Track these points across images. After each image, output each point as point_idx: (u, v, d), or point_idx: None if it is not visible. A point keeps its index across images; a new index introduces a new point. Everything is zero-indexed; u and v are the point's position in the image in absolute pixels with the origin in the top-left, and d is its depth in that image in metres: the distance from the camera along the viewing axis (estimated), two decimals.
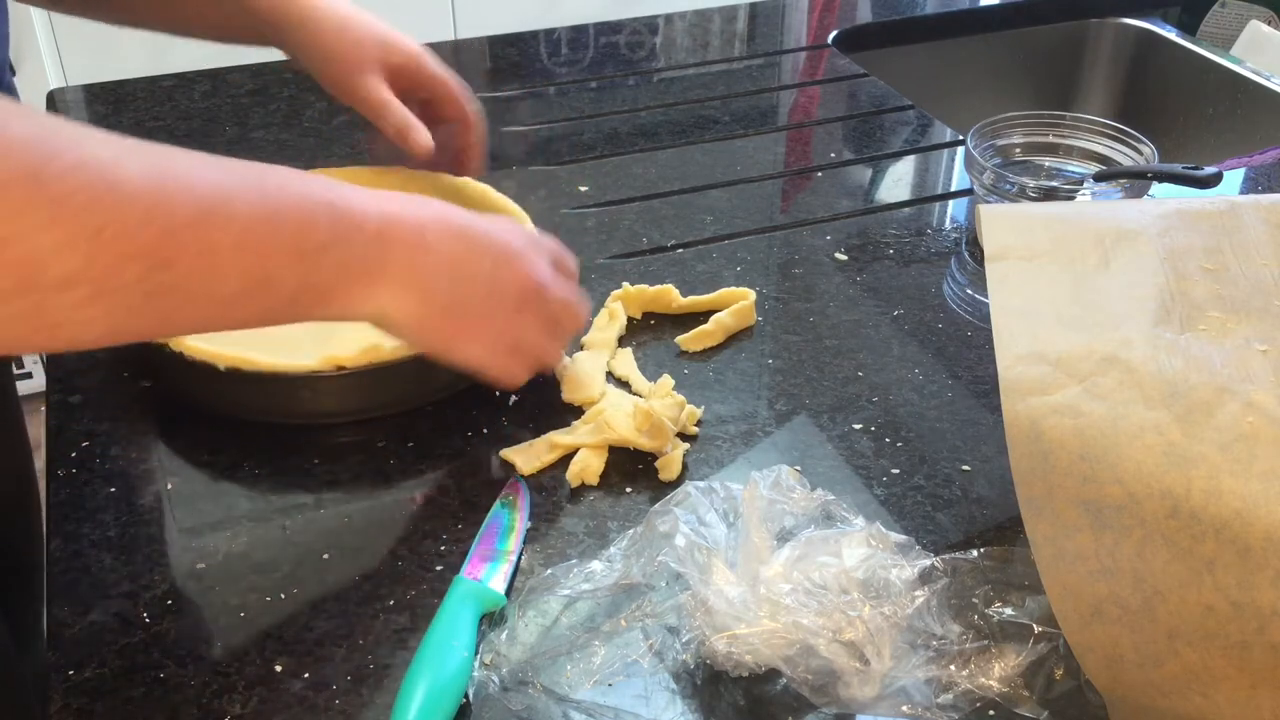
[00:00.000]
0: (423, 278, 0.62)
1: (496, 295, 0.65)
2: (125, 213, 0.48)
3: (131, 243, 0.49)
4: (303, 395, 0.73)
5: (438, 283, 0.62)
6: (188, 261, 0.51)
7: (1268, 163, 1.09)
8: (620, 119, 1.16)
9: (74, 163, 0.47)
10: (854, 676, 0.54)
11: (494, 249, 0.65)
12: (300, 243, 0.56)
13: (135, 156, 0.50)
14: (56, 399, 0.76)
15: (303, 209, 0.56)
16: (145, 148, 0.52)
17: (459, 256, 0.63)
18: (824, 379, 0.79)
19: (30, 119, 0.47)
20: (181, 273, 0.51)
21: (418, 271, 0.61)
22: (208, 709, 0.56)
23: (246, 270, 0.54)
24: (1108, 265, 0.64)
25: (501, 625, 0.59)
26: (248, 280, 0.54)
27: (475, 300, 0.64)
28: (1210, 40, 1.65)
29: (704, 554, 0.57)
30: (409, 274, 0.61)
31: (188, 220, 0.51)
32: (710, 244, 0.94)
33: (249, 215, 0.54)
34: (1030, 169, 1.03)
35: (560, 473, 0.70)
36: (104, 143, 0.50)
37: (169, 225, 0.50)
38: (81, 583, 0.63)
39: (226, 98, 1.17)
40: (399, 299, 0.61)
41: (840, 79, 1.27)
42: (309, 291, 0.57)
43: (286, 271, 0.56)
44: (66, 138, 0.48)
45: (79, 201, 0.47)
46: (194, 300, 0.53)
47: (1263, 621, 0.50)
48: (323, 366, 0.71)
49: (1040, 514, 0.54)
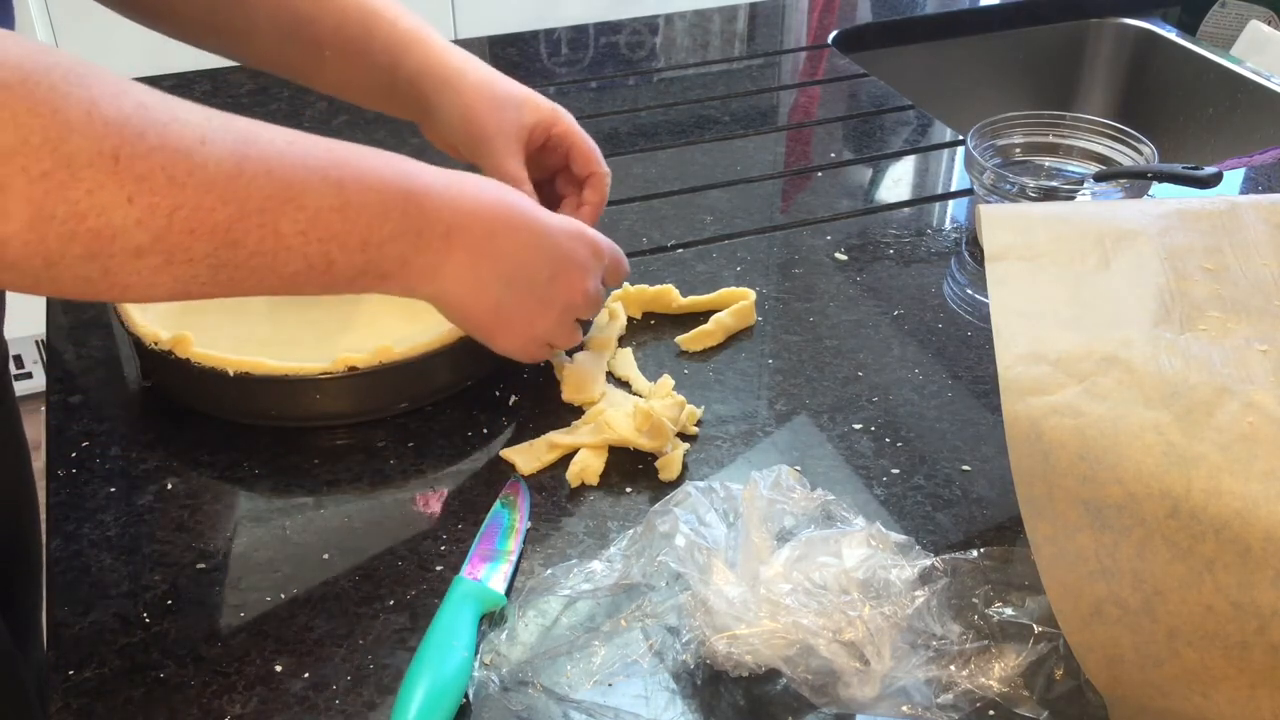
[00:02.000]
0: (481, 277, 0.64)
1: (546, 302, 0.68)
2: (201, 194, 0.51)
3: (204, 222, 0.51)
4: (312, 397, 0.72)
5: (493, 284, 0.65)
6: (255, 243, 0.54)
7: (1268, 163, 1.09)
8: (620, 119, 1.16)
9: (157, 143, 0.49)
10: (854, 676, 0.54)
11: (556, 259, 0.68)
12: (368, 235, 0.58)
13: (220, 137, 0.52)
14: (56, 399, 0.76)
15: (375, 202, 0.58)
16: (231, 126, 0.53)
17: (520, 260, 0.66)
18: (824, 379, 0.79)
19: (123, 98, 0.49)
20: (248, 252, 0.54)
21: (478, 273, 0.64)
22: (208, 709, 0.56)
23: (311, 255, 0.56)
24: (1108, 265, 0.64)
25: (501, 625, 0.59)
26: (311, 263, 0.57)
27: (526, 304, 0.67)
28: (1210, 40, 1.65)
29: (704, 554, 0.57)
30: (469, 273, 0.64)
31: (259, 206, 0.53)
32: (710, 244, 0.94)
33: (319, 205, 0.56)
34: (1030, 169, 1.03)
35: (560, 473, 0.70)
36: (191, 122, 0.51)
37: (242, 209, 0.52)
38: (81, 583, 0.63)
39: (226, 98, 1.17)
40: (454, 290, 0.64)
41: (840, 79, 1.27)
42: (369, 274, 0.60)
43: (351, 258, 0.58)
44: (154, 116, 0.50)
45: (158, 181, 0.49)
46: (257, 274, 0.55)
47: (1263, 621, 0.50)
48: (334, 368, 0.71)
49: (1040, 514, 0.54)
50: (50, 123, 0.46)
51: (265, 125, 0.55)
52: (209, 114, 0.53)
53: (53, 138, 0.46)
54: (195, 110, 0.52)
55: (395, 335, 0.74)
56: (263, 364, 0.71)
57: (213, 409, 0.74)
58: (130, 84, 0.50)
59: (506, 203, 0.66)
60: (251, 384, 0.71)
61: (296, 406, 0.73)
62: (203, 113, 0.53)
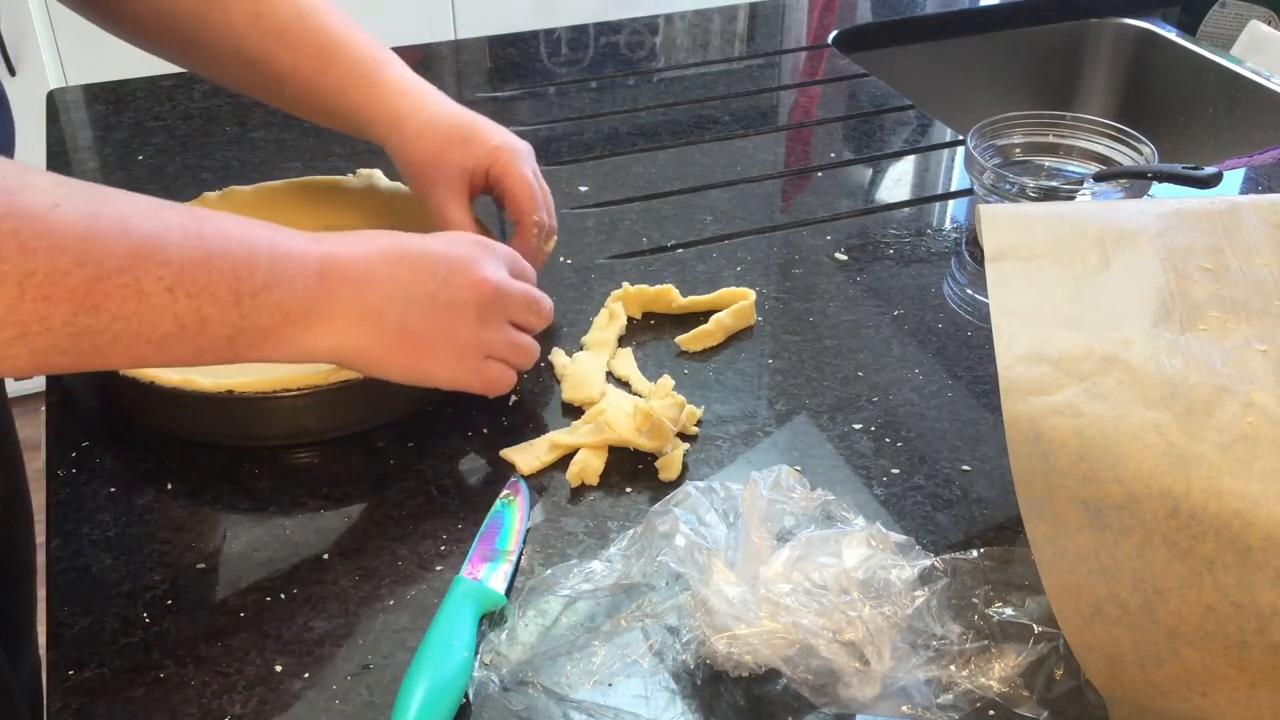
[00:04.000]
0: (372, 310, 0.62)
1: (454, 308, 0.65)
2: (55, 259, 0.49)
3: (59, 288, 0.49)
4: (305, 416, 0.71)
5: (389, 310, 0.62)
6: (117, 305, 0.51)
7: (1268, 163, 1.09)
8: (620, 119, 1.16)
9: (6, 210, 0.48)
10: (854, 677, 0.54)
11: (443, 264, 0.65)
12: (237, 286, 0.56)
13: (72, 200, 0.50)
14: (56, 399, 0.76)
15: (241, 252, 0.56)
16: (83, 191, 0.52)
17: (406, 281, 0.63)
18: (824, 379, 0.79)
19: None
20: (110, 315, 0.51)
21: (366, 304, 0.61)
22: (208, 709, 0.56)
23: (179, 313, 0.54)
24: (1108, 265, 0.64)
25: (501, 625, 0.59)
26: (180, 323, 0.54)
27: (433, 320, 0.64)
28: (1210, 40, 1.65)
29: (704, 554, 0.57)
30: (357, 309, 0.61)
31: (119, 265, 0.51)
32: (710, 244, 0.94)
33: (183, 259, 0.54)
34: (1030, 169, 1.03)
35: (560, 473, 0.70)
36: (41, 187, 0.50)
37: (99, 271, 0.50)
38: (81, 583, 0.63)
39: (227, 98, 1.17)
40: (351, 335, 0.61)
41: (840, 79, 1.27)
42: (247, 333, 0.57)
43: (222, 314, 0.56)
44: (2, 185, 0.48)
45: (9, 248, 0.47)
46: (122, 340, 0.53)
47: (1263, 621, 0.50)
48: (323, 381, 0.70)
49: (1040, 514, 0.54)
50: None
51: (121, 190, 0.54)
52: (60, 180, 0.51)
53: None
54: (46, 176, 0.51)
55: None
56: (254, 382, 0.69)
57: (194, 435, 0.72)
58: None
59: (378, 238, 0.64)
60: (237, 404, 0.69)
61: (287, 425, 0.71)
62: (54, 179, 0.51)
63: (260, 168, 1.04)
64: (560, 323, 0.83)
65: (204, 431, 0.72)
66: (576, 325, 0.83)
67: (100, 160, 1.07)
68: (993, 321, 0.61)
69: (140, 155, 1.07)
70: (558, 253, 0.91)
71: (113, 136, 1.11)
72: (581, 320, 0.83)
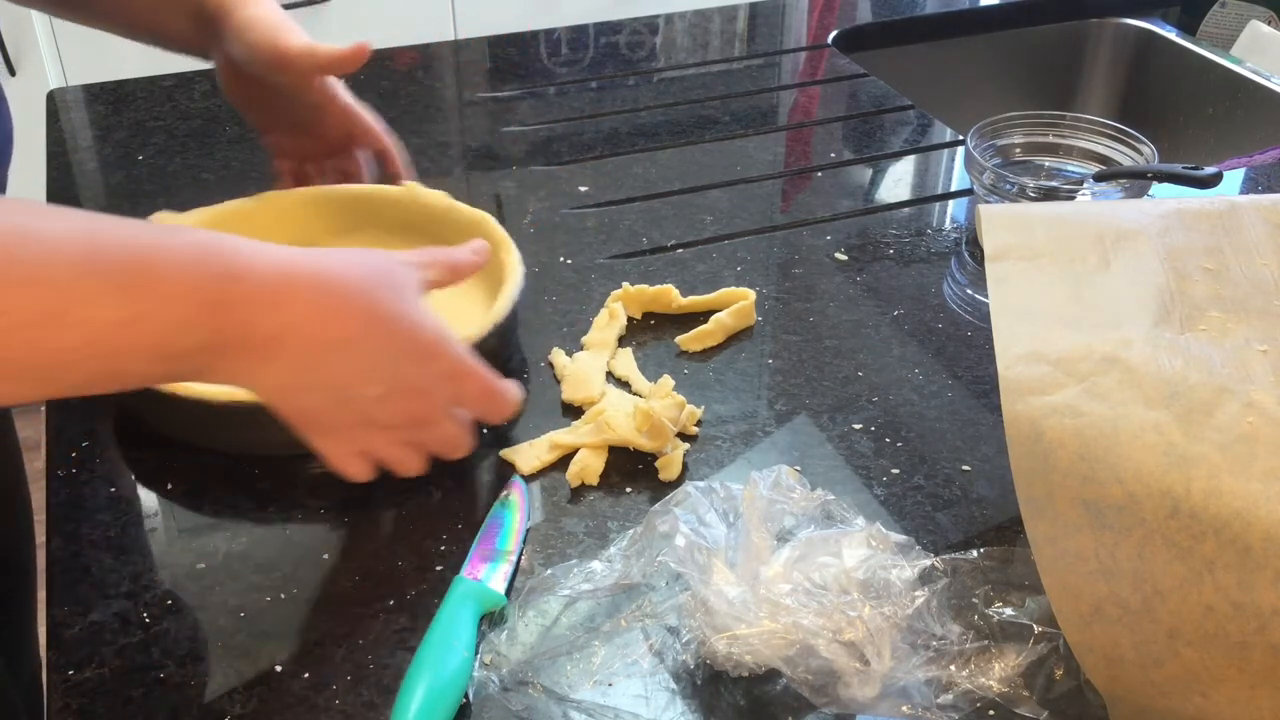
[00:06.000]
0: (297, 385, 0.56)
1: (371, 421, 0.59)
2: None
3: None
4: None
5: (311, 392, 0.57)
6: (22, 359, 0.47)
7: (1268, 163, 1.09)
8: (620, 119, 1.16)
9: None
10: (854, 677, 0.54)
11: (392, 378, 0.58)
12: (165, 347, 0.50)
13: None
14: (56, 398, 0.76)
15: (176, 313, 0.50)
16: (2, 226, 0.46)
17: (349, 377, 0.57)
18: (824, 379, 0.79)
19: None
20: (17, 366, 0.47)
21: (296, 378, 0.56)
22: (208, 709, 0.56)
23: (92, 370, 0.49)
24: (1108, 265, 0.64)
25: (501, 625, 0.59)
26: (91, 378, 0.50)
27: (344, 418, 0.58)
28: (1210, 40, 1.65)
29: (704, 554, 0.57)
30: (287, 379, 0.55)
31: (24, 321, 0.46)
32: (710, 244, 0.94)
33: (103, 320, 0.48)
34: (1030, 169, 1.03)
35: (560, 473, 0.70)
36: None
37: (6, 325, 0.45)
38: (81, 583, 0.63)
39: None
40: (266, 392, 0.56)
41: (840, 79, 1.27)
42: (169, 377, 0.54)
43: (143, 369, 0.51)
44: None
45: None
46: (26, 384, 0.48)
47: (1263, 621, 0.50)
48: None
49: (1040, 514, 0.54)
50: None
51: (56, 215, 0.48)
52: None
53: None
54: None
55: None
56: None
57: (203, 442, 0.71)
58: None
59: (360, 302, 0.56)
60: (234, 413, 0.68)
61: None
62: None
63: (260, 167, 1.04)
64: (560, 322, 0.83)
65: (206, 438, 0.72)
66: (576, 325, 0.83)
67: (100, 160, 1.07)
68: (993, 321, 0.61)
69: (140, 155, 1.07)
70: (558, 253, 0.91)
71: (113, 136, 1.11)
72: (581, 320, 0.83)
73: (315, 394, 0.56)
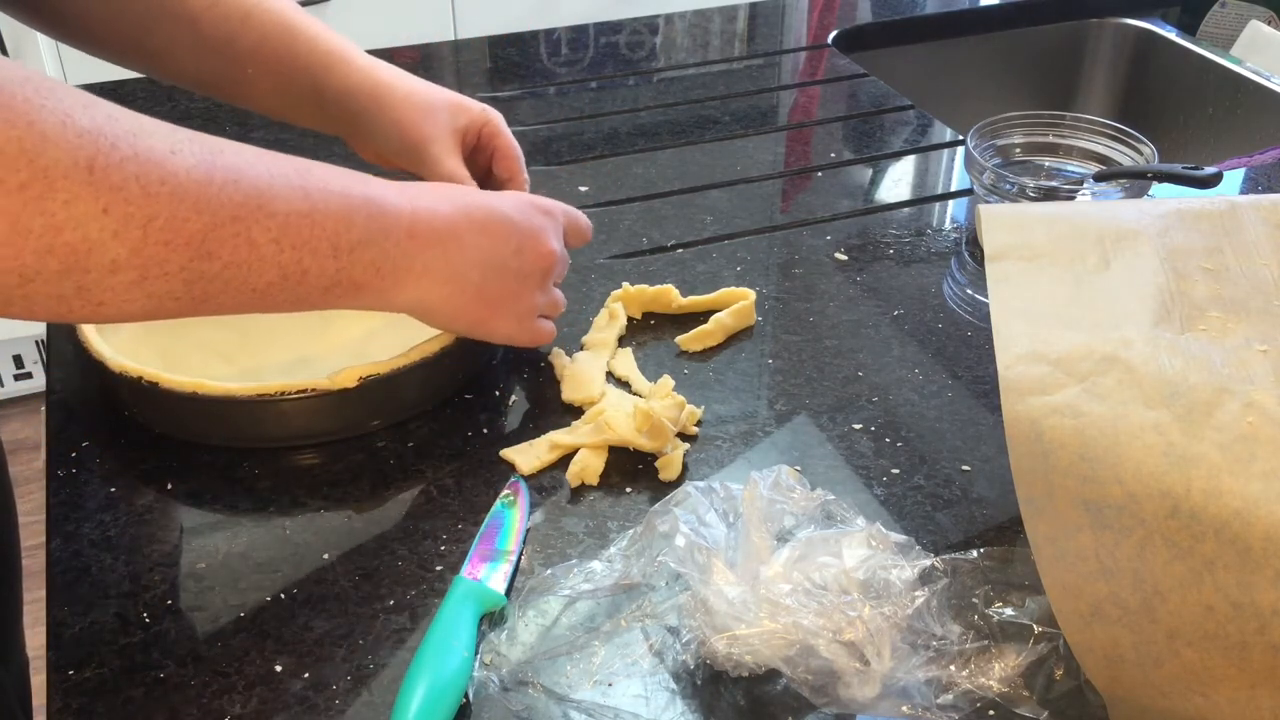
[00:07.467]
0: (455, 271, 0.66)
1: (523, 277, 0.70)
2: (175, 204, 0.51)
3: (179, 233, 0.51)
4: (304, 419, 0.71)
5: (469, 274, 0.67)
6: (229, 253, 0.54)
7: (1268, 163, 1.09)
8: (620, 119, 1.16)
9: (129, 153, 0.49)
10: (854, 677, 0.54)
11: (516, 232, 0.69)
12: (336, 240, 0.59)
13: (187, 148, 0.52)
14: (56, 398, 0.76)
15: (341, 208, 0.59)
16: (198, 141, 0.54)
17: (487, 247, 0.67)
18: (824, 379, 0.79)
19: (93, 109, 0.49)
20: (222, 263, 0.54)
21: (451, 265, 0.66)
22: (208, 709, 0.56)
23: (285, 264, 0.57)
24: (1108, 265, 0.64)
25: (501, 625, 0.59)
26: (284, 273, 0.57)
27: (504, 285, 0.69)
28: (1210, 40, 1.65)
29: (704, 554, 0.57)
30: (442, 268, 0.65)
31: (231, 215, 0.53)
32: (710, 244, 0.94)
33: (288, 212, 0.56)
34: (1030, 169, 1.03)
35: (560, 473, 0.70)
36: (160, 134, 0.52)
37: (215, 219, 0.53)
38: (81, 583, 0.63)
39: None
40: (433, 293, 0.66)
41: (840, 79, 1.27)
42: (342, 284, 0.60)
43: (322, 266, 0.59)
44: (125, 128, 0.50)
45: (132, 191, 0.49)
46: (231, 287, 0.55)
47: (1263, 621, 0.50)
48: (332, 385, 0.70)
49: (1040, 514, 0.54)
50: (26, 134, 0.45)
51: (227, 140, 0.56)
52: (174, 128, 0.53)
53: (29, 149, 0.45)
54: (161, 124, 0.52)
55: (352, 335, 0.75)
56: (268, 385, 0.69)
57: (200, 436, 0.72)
58: (96, 98, 0.50)
59: (457, 196, 0.67)
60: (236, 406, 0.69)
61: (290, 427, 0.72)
62: (168, 126, 0.53)
63: None
64: (560, 323, 0.83)
65: (204, 433, 0.72)
66: (576, 325, 0.83)
67: None
68: (993, 321, 0.61)
69: None
70: None
71: None
72: (581, 320, 0.83)
73: (473, 275, 0.67)
